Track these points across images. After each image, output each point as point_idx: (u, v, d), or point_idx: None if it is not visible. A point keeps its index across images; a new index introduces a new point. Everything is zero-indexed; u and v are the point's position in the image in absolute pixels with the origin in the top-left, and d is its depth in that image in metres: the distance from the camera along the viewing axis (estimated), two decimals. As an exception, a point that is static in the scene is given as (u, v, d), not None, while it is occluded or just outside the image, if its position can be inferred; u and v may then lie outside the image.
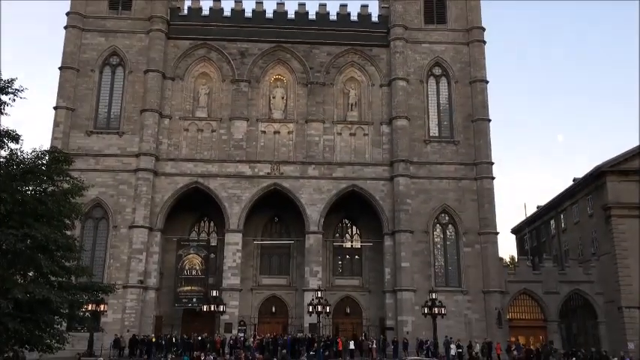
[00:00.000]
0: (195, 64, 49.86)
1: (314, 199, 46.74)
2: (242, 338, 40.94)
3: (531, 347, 41.90)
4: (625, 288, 43.89)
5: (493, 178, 47.58)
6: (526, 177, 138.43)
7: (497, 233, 46.76)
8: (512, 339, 44.32)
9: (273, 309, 47.99)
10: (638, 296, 43.60)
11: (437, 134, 49.22)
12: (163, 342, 39.77)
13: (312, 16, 50.64)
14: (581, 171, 50.38)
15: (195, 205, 48.74)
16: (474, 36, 50.23)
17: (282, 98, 49.71)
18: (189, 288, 45.50)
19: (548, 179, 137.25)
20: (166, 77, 48.48)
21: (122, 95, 48.12)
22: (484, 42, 50.35)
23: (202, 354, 33.53)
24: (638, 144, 47.40)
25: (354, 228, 51.39)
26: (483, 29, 50.61)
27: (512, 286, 46.42)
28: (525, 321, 46.76)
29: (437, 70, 50.52)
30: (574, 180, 53.65)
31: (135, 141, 46.65)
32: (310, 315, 40.11)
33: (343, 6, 50.77)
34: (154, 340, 39.85)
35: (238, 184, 46.79)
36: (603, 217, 46.67)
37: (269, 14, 50.52)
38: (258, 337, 41.55)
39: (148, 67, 47.79)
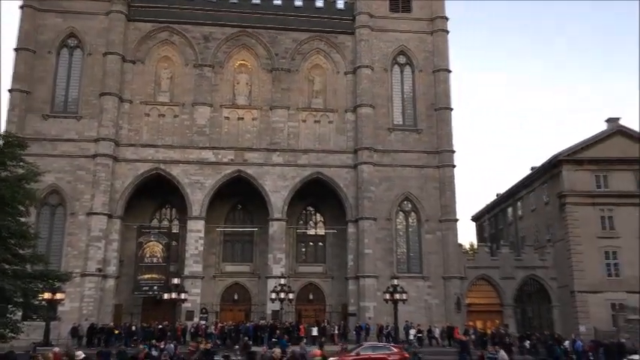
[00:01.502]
0: (157, 47, 48.75)
1: (278, 186, 46.62)
2: (204, 326, 40.73)
3: (486, 331, 43.00)
4: (578, 273, 45.53)
5: (454, 167, 48.40)
6: (486, 165, 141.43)
7: (458, 220, 47.75)
8: (470, 323, 45.47)
9: (236, 296, 47.90)
10: (589, 281, 45.31)
11: (401, 122, 49.64)
12: (122, 331, 39.16)
13: (277, 1, 50.13)
14: (539, 160, 51.67)
15: (157, 192, 47.98)
16: (437, 25, 50.67)
17: (247, 84, 49.16)
18: (149, 276, 44.86)
19: (507, 168, 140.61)
20: (127, 60, 47.27)
21: (80, 78, 46.71)
22: (447, 32, 50.86)
23: (162, 342, 33.11)
24: (592, 134, 49.02)
25: (318, 215, 51.57)
26: (447, 19, 51.09)
27: (471, 272, 47.57)
28: (483, 305, 48.06)
29: (401, 59, 50.83)
30: (532, 169, 55.16)
31: (93, 125, 45.45)
32: (273, 302, 40.19)
33: (309, -8, 50.43)
34: (114, 330, 39.21)
35: (201, 170, 46.24)
36: (558, 204, 48.16)
37: (233, -2, 49.76)
38: (220, 324, 41.41)
39: (107, 50, 46.49)
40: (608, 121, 49.81)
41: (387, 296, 39.39)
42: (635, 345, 36.08)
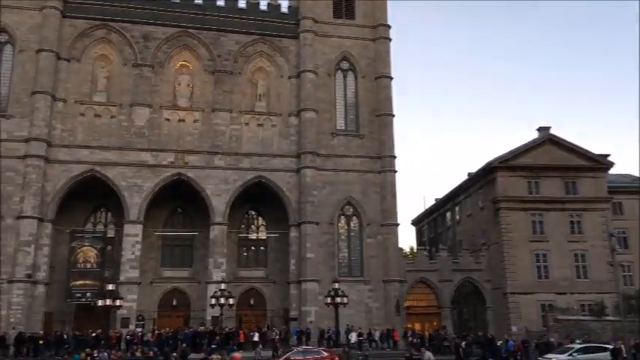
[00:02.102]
0: (94, 45, 47.03)
1: (220, 189, 45.94)
2: (140, 333, 39.49)
3: (424, 333, 43.99)
4: (510, 275, 47.34)
5: (396, 172, 49.23)
6: (428, 171, 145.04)
7: (398, 225, 48.57)
8: (409, 325, 46.38)
9: (175, 302, 46.75)
10: (521, 283, 47.20)
11: (343, 127, 50.04)
12: (53, 339, 37.41)
13: (220, 2, 49.52)
14: (476, 166, 53.48)
15: (92, 195, 46.20)
16: (379, 33, 51.50)
17: (188, 85, 48.21)
18: (82, 282, 43.13)
19: (447, 173, 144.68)
20: (61, 58, 45.35)
21: (11, 75, 44.36)
22: (389, 39, 51.77)
23: (95, 351, 31.85)
24: (525, 142, 51.17)
25: (260, 219, 51.20)
26: (389, 27, 52.01)
27: (410, 275, 48.55)
28: (421, 308, 49.18)
29: (345, 65, 51.31)
30: (468, 175, 56.96)
31: (24, 125, 43.25)
32: (213, 307, 39.54)
33: (252, -6, 50.13)
34: (40, 340, 37.34)
35: (139, 173, 44.89)
36: (493, 209, 49.94)
37: (174, -2, 48.76)
38: (157, 331, 40.28)
39: (40, 47, 44.39)
40: (540, 129, 52.15)
41: (329, 300, 39.50)
42: (563, 343, 37.80)
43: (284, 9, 51.20)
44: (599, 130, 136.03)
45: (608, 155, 51.84)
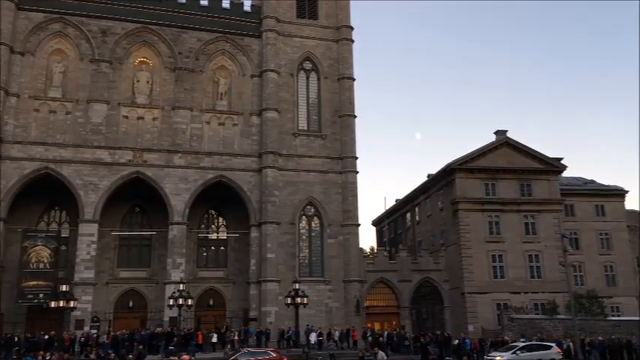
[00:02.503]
0: (50, 39, 45.62)
1: (179, 188, 45.26)
2: (95, 335, 38.54)
3: (383, 332, 44.40)
4: (467, 276, 48.29)
5: (357, 173, 49.54)
6: (388, 172, 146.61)
7: (359, 225, 48.86)
8: (369, 325, 46.75)
9: (131, 303, 45.87)
10: (478, 283, 48.23)
11: (306, 128, 50.06)
12: (3, 342, 36.07)
13: (182, -1, 48.85)
14: (436, 168, 54.36)
15: (46, 193, 44.86)
16: (342, 34, 51.74)
17: (148, 82, 47.32)
18: (35, 283, 41.71)
19: (407, 174, 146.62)
20: (15, 52, 43.81)
21: (-41, 68, 42.67)
22: (352, 41, 52.06)
23: (47, 354, 30.88)
24: (483, 145, 52.26)
25: (221, 219, 50.79)
26: (352, 28, 52.30)
27: (370, 276, 48.97)
28: (381, 308, 49.64)
29: (307, 65, 51.33)
30: (428, 176, 57.83)
31: (-26, 120, 41.64)
32: (171, 308, 38.93)
33: (215, -8, 49.60)
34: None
35: (96, 171, 43.81)
36: (452, 210, 50.85)
37: (135, -7, 47.77)
38: (112, 333, 39.39)
39: (-8, 39, 42.82)
40: (497, 133, 53.38)
41: (289, 300, 39.44)
42: (516, 341, 38.80)
43: (247, 7, 50.77)
44: (553, 134, 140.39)
45: (561, 159, 53.57)
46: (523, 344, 33.99)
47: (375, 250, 62.46)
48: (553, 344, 34.13)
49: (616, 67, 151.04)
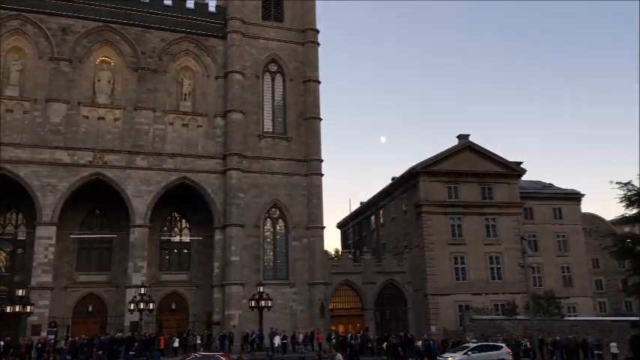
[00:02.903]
0: (7, 36, 44.14)
1: (141, 190, 44.46)
2: (52, 341, 37.48)
3: (347, 335, 44.51)
4: (430, 277, 48.97)
5: (322, 175, 49.63)
6: (353, 174, 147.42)
7: (324, 228, 48.92)
8: (333, 328, 46.86)
9: (90, 308, 44.78)
10: (440, 285, 48.95)
11: (271, 130, 49.89)
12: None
13: (145, -2, 48.08)
14: (400, 171, 55.01)
15: (1, 195, 43.35)
16: (308, 37, 51.83)
17: (109, 82, 46.37)
18: (-11, 287, 40.37)
19: (372, 177, 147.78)
20: (-32, 48, 42.38)
21: None
22: (318, 44, 52.17)
23: (3, 360, 29.96)
24: (446, 149, 53.10)
25: (184, 221, 50.13)
26: (317, 31, 52.43)
27: (335, 278, 49.13)
28: (345, 310, 49.88)
29: (273, 67, 51.19)
30: (393, 179, 58.43)
31: None
32: (132, 313, 38.20)
33: (179, -8, 49.00)
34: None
35: (54, 172, 42.62)
36: (415, 213, 51.49)
37: (97, -10, 46.77)
38: (71, 338, 38.37)
39: (-56, 35, 41.27)
40: (460, 137, 54.36)
41: (253, 304, 39.19)
42: (480, 341, 39.48)
43: (212, 8, 50.36)
44: (513, 139, 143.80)
45: (520, 163, 54.87)
46: (474, 345, 34.64)
47: (340, 253, 62.65)
48: (503, 345, 34.92)
49: (577, 73, 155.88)
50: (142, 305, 36.93)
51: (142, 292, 37.89)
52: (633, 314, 54.76)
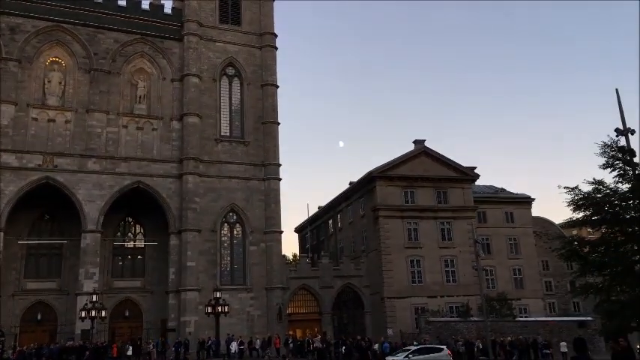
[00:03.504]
0: (-50, 34, 42.44)
1: (93, 195, 43.31)
2: (-2, 351, 36.02)
3: (305, 339, 44.45)
4: (387, 281, 49.44)
5: (280, 179, 49.54)
6: (311, 179, 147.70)
7: (282, 232, 48.92)
8: (291, 332, 46.71)
9: (39, 316, 43.27)
10: (397, 288, 49.50)
11: (228, 134, 49.51)
12: None
13: (98, -2, 46.96)
14: (358, 175, 55.44)
15: (-57, 199, 41.43)
16: (266, 41, 51.74)
17: (60, 83, 45.09)
18: None
19: (330, 182, 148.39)
20: None
21: None
22: (275, 48, 52.17)
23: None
24: (402, 154, 53.83)
25: (138, 226, 49.11)
26: (275, 35, 52.43)
27: (293, 282, 49.00)
28: (303, 314, 49.80)
29: (230, 70, 50.86)
30: (350, 183, 58.81)
31: None
32: (83, 321, 37.26)
33: (134, -8, 48.11)
34: None
35: (1, 176, 41.06)
36: (372, 217, 51.95)
37: (47, -11, 45.41)
38: (18, 347, 36.93)
39: None
40: (415, 142, 55.21)
41: (209, 309, 38.74)
42: (433, 343, 40.12)
43: (167, 10, 49.69)
44: (466, 144, 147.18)
45: (474, 168, 56.16)
46: (415, 347, 35.05)
47: (298, 257, 62.56)
48: (444, 347, 35.44)
49: (527, 79, 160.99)
50: (93, 313, 36.06)
51: (94, 299, 37.01)
52: (581, 314, 56.72)
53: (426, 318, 46.62)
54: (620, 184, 19.69)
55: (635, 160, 19.37)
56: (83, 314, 36.52)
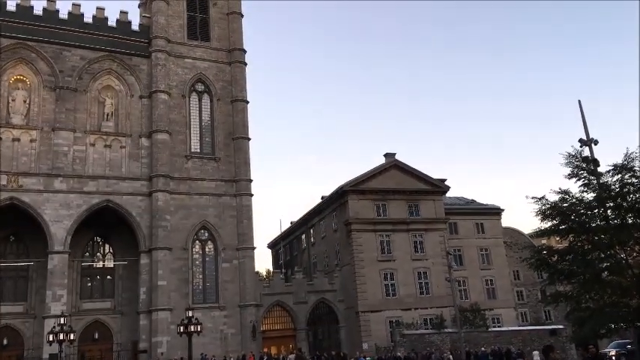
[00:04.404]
0: None
1: (60, 215, 42.32)
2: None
3: (279, 356, 44.07)
4: (361, 295, 49.38)
5: (252, 195, 49.26)
6: (284, 194, 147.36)
7: (255, 248, 48.49)
8: (265, 350, 46.16)
9: (5, 341, 41.80)
10: (371, 301, 49.48)
11: (198, 150, 49.13)
12: None
13: (63, 15, 46.27)
14: (330, 189, 55.48)
15: None
16: (235, 57, 51.72)
17: (25, 102, 44.17)
18: None
19: (302, 196, 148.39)
20: None
21: None
22: (245, 63, 52.17)
23: None
24: (373, 167, 54.16)
25: (107, 246, 48.09)
26: (244, 51, 52.44)
27: (266, 299, 48.54)
28: (277, 331, 49.32)
29: (199, 87, 50.61)
30: (322, 198, 58.83)
31: None
32: (51, 345, 35.96)
33: (100, 9, 47.61)
34: None
35: (-37, 197, 39.85)
36: (345, 231, 51.98)
37: (11, 7, 44.59)
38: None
39: None
40: (386, 155, 55.65)
41: (182, 329, 37.93)
42: (410, 355, 40.21)
43: (135, 26, 49.25)
44: (437, 156, 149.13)
45: (444, 180, 56.86)
46: None
47: (271, 273, 62.11)
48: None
49: (497, 87, 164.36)
50: (61, 336, 34.89)
51: (62, 322, 35.82)
52: (552, 323, 57.58)
53: (400, 331, 46.66)
54: (585, 194, 20.19)
55: (599, 169, 19.90)
56: (51, 338, 35.31)
